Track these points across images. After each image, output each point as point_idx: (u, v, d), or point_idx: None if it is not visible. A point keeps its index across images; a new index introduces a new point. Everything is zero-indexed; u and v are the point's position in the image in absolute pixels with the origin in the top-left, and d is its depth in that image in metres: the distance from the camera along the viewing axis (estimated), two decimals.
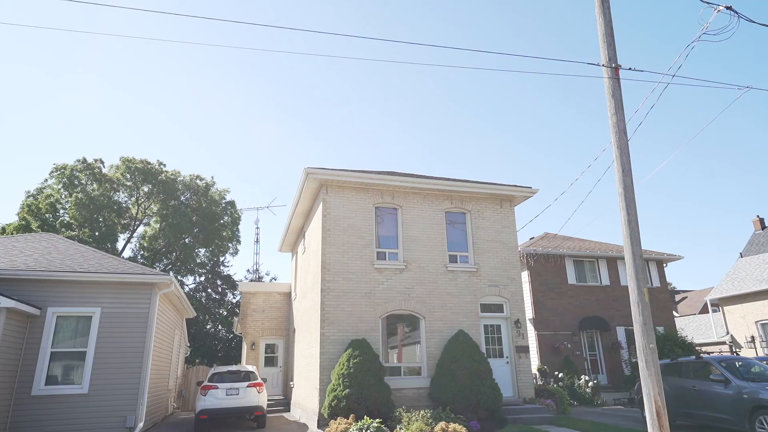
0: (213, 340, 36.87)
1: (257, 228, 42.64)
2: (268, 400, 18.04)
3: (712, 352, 23.56)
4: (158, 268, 38.00)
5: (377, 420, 9.80)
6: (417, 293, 13.26)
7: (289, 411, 17.04)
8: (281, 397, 18.75)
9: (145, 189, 36.46)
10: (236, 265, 57.63)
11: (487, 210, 14.82)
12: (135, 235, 38.17)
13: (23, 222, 31.12)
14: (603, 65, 7.84)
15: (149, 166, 35.97)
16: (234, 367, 13.87)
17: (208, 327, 38.51)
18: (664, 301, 21.76)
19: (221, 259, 40.33)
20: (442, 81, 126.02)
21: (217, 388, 12.65)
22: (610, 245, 22.73)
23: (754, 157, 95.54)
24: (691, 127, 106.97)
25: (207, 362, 34.20)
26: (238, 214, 40.02)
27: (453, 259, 14.06)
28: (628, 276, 7.12)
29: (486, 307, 13.90)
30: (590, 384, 17.26)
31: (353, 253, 13.08)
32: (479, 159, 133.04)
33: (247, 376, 13.28)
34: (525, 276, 19.93)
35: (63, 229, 32.47)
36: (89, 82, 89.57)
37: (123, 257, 35.51)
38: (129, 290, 11.87)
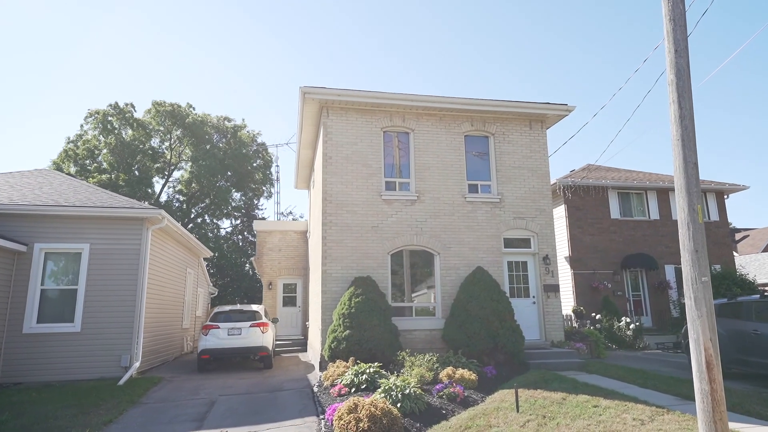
0: (251, 281, 37.35)
1: (277, 166, 41.81)
2: (287, 340, 17.67)
3: None
4: (194, 213, 38.31)
5: (376, 364, 8.74)
6: (431, 227, 11.85)
7: (305, 351, 16.53)
8: (300, 337, 18.31)
9: (177, 133, 36.11)
10: (270, 209, 57.96)
11: (514, 132, 12.93)
12: (171, 179, 38.35)
13: (54, 167, 31.40)
14: None
15: (179, 109, 35.39)
16: (238, 307, 13.16)
17: (246, 268, 38.99)
18: (722, 236, 19.41)
19: (255, 202, 40.25)
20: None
21: (219, 327, 12.00)
22: (661, 176, 20.25)
23: None
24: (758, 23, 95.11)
25: (246, 302, 34.77)
26: (270, 157, 39.31)
27: (473, 189, 12.45)
28: (677, 190, 5.37)
29: (510, 242, 12.36)
30: (631, 326, 15.66)
31: (358, 183, 11.70)
32: (506, 89, 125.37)
33: (251, 315, 12.54)
34: (561, 210, 18.08)
35: (97, 174, 32.83)
36: (125, 20, 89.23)
37: (160, 201, 35.88)
38: (118, 225, 11.14)
